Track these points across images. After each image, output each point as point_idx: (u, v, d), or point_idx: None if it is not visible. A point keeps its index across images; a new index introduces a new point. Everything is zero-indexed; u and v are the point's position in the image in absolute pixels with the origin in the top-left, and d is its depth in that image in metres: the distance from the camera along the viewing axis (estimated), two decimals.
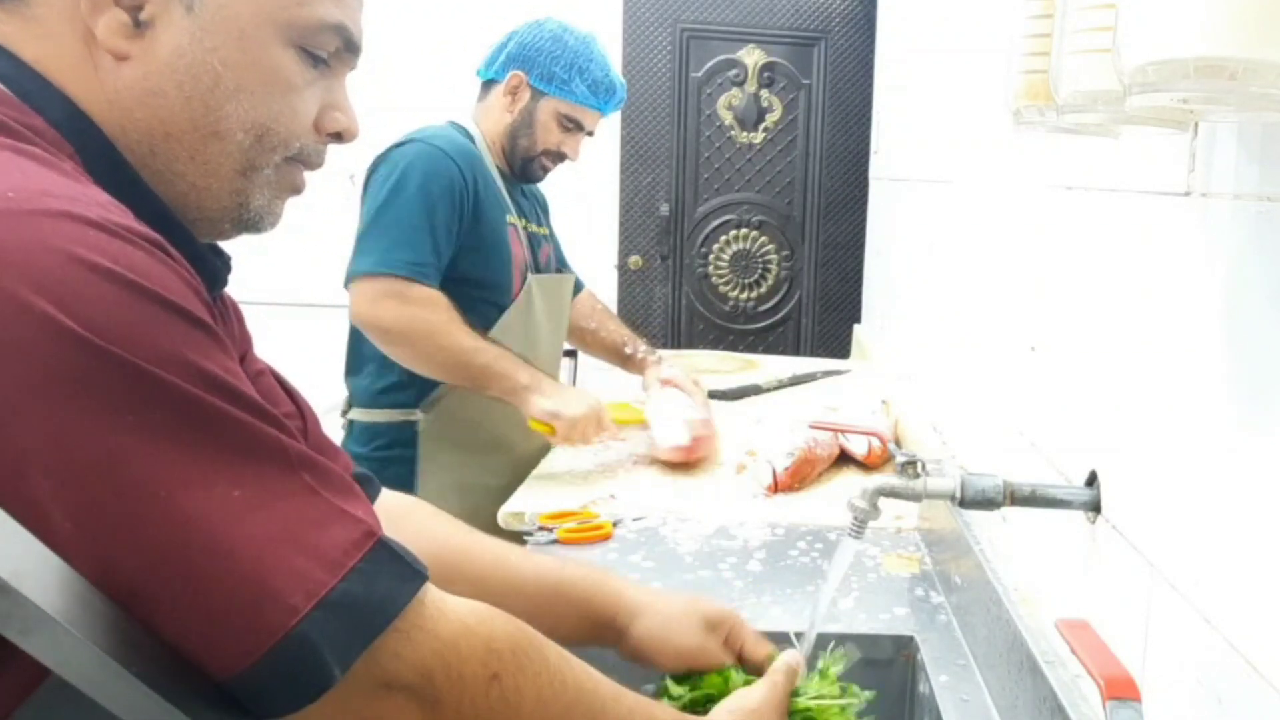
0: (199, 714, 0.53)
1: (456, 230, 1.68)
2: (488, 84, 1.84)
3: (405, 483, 1.68)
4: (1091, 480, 0.93)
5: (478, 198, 1.71)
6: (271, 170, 0.68)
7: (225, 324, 0.79)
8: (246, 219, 0.68)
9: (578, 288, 2.09)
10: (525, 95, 1.78)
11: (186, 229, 0.65)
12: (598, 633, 0.97)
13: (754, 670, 0.96)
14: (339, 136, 0.71)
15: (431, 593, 0.60)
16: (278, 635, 0.52)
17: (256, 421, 0.55)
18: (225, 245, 0.73)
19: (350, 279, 1.62)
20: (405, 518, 0.93)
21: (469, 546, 0.95)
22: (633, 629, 0.95)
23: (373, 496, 0.90)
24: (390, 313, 1.59)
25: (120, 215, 0.54)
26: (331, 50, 0.68)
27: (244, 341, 0.82)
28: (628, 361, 2.06)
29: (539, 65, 1.76)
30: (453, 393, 1.73)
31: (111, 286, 0.51)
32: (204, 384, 0.53)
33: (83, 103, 0.61)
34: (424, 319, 1.59)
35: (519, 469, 1.76)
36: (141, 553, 0.50)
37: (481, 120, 1.83)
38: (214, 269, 0.69)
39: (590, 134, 1.86)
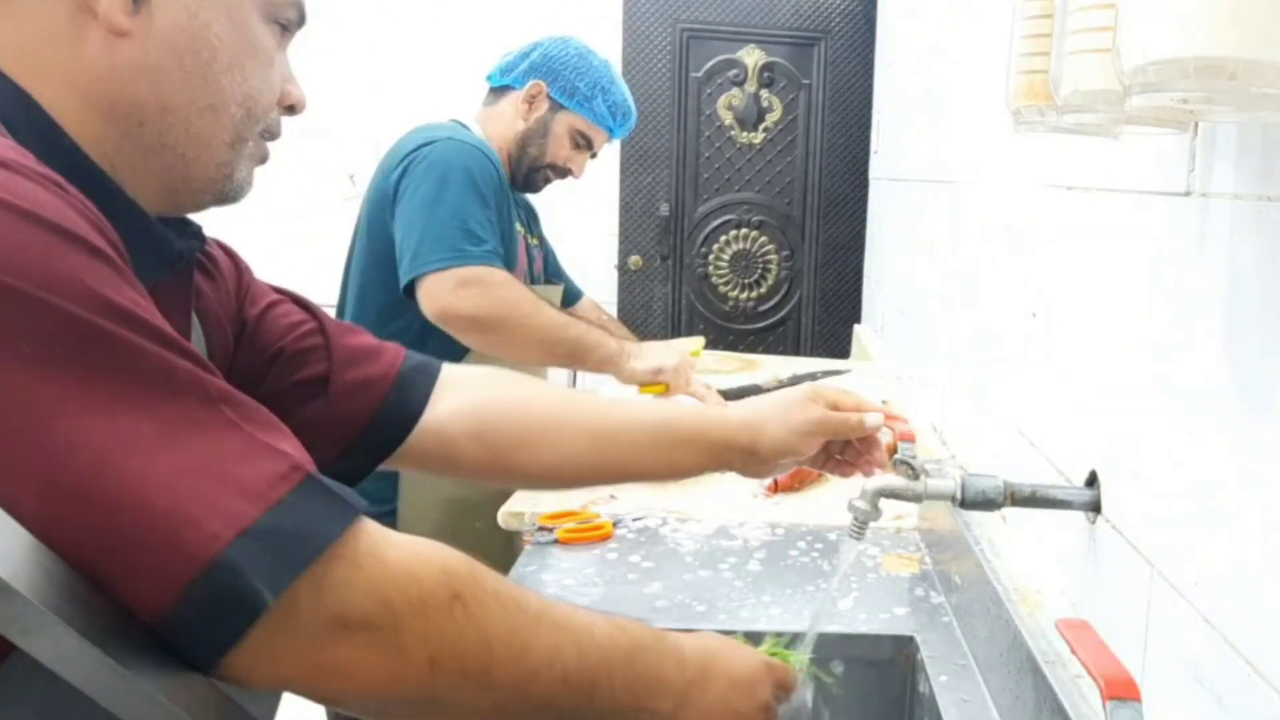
0: (200, 715, 0.53)
1: (500, 221, 1.67)
2: (499, 90, 1.82)
3: (388, 495, 1.66)
4: (1091, 480, 0.93)
5: (500, 197, 1.71)
6: (253, 142, 0.69)
7: (211, 278, 0.80)
8: (228, 191, 0.69)
9: (577, 295, 2.09)
10: (543, 106, 1.78)
11: (136, 205, 0.64)
12: (719, 456, 1.02)
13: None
14: (292, 109, 0.73)
15: (371, 525, 0.57)
16: (199, 565, 0.49)
17: (168, 354, 0.52)
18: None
19: (419, 277, 1.57)
20: (492, 378, 0.99)
21: (567, 397, 1.02)
22: (761, 440, 1.00)
23: (428, 387, 0.93)
24: (474, 300, 1.55)
25: (16, 154, 0.53)
26: (290, 21, 0.70)
27: (242, 288, 0.84)
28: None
29: (562, 78, 1.77)
30: None
31: (1, 214, 0.49)
32: (107, 313, 0.51)
33: (27, 82, 0.60)
34: (512, 300, 1.56)
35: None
36: (45, 490, 0.48)
37: (488, 125, 1.81)
38: (169, 246, 0.68)
39: (595, 155, 1.88)
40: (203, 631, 0.51)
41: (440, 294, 1.56)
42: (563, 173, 1.84)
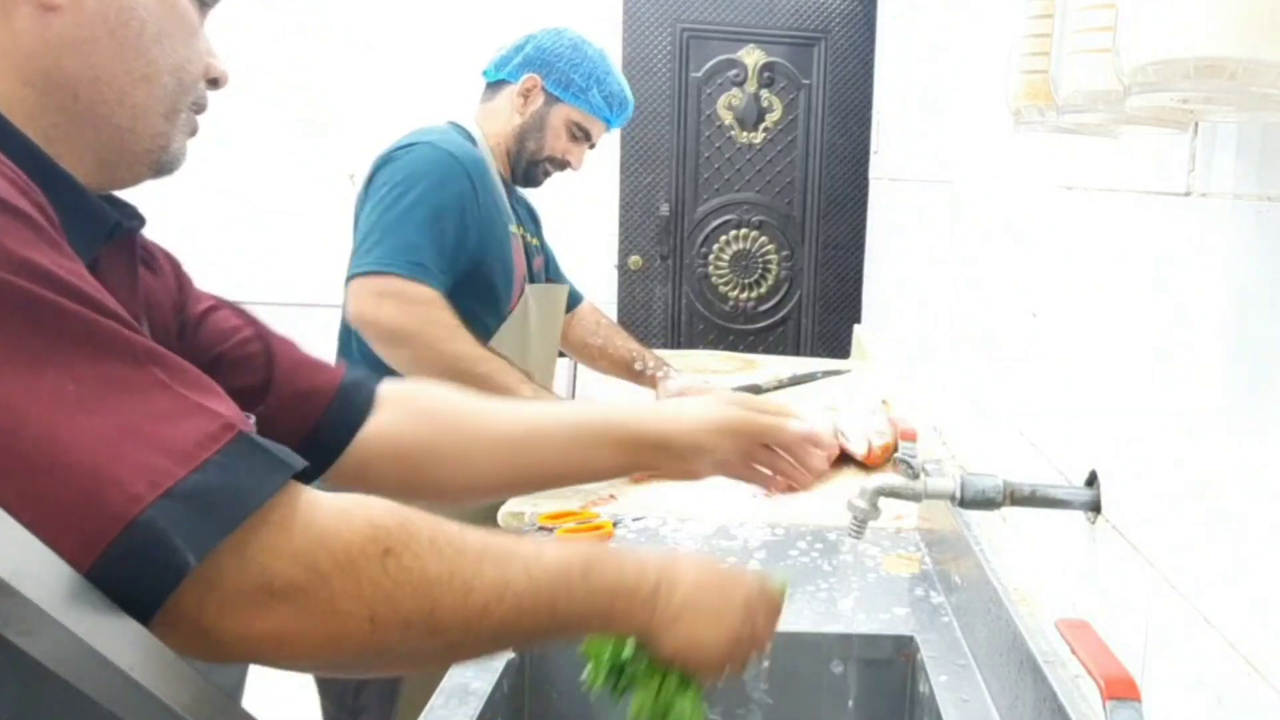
0: (200, 714, 0.53)
1: (465, 241, 1.64)
2: (495, 85, 1.81)
3: None
4: (1091, 480, 0.93)
5: (482, 208, 1.68)
6: (185, 113, 0.71)
7: (153, 271, 0.81)
8: (165, 162, 0.70)
9: (577, 299, 2.07)
10: (539, 99, 1.77)
11: (70, 177, 0.65)
12: (633, 454, 1.00)
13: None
14: (215, 82, 0.74)
15: (299, 488, 0.56)
16: (120, 524, 0.49)
17: (92, 314, 0.52)
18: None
19: (350, 277, 1.57)
20: (417, 395, 0.96)
21: (485, 408, 0.98)
22: (672, 436, 0.99)
23: (369, 401, 0.92)
24: (390, 312, 1.53)
25: None
26: None
27: (183, 289, 0.85)
28: (639, 377, 2.03)
29: (557, 71, 1.76)
30: None
31: None
32: (27, 274, 0.50)
33: None
34: (426, 320, 1.53)
35: None
36: None
37: (485, 122, 1.80)
38: (105, 217, 0.68)
39: (593, 146, 1.86)
40: (128, 591, 0.50)
41: (360, 298, 1.55)
42: (561, 165, 1.83)
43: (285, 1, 3.56)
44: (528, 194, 1.94)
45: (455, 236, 1.62)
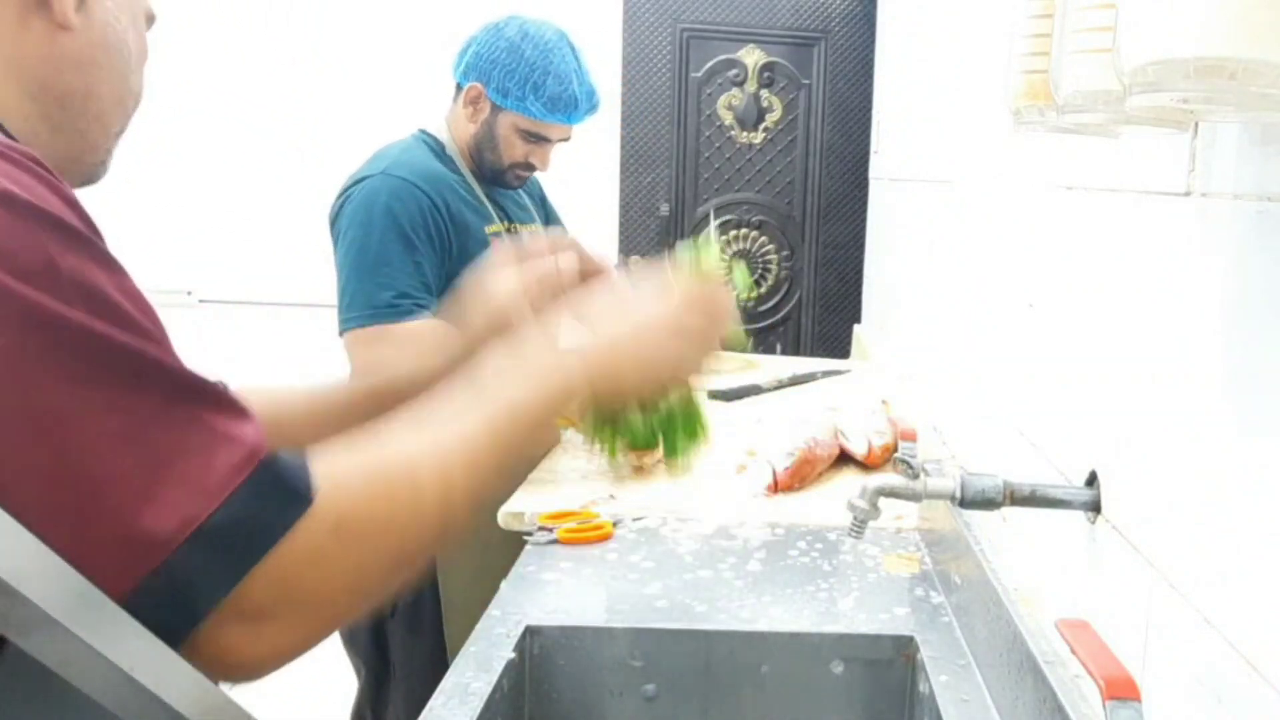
0: (200, 714, 0.53)
1: (443, 254, 1.64)
2: (458, 87, 1.77)
3: None
4: (1091, 480, 0.93)
5: (454, 217, 1.67)
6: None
7: None
8: (99, 174, 0.74)
9: None
10: (486, 108, 1.72)
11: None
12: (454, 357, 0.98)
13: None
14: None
15: (309, 514, 0.58)
16: (151, 565, 0.52)
17: (137, 343, 0.54)
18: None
19: (342, 333, 1.59)
20: (259, 394, 0.97)
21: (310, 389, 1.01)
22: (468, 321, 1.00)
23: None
24: (388, 357, 1.52)
25: None
26: (150, 24, 0.75)
27: None
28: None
29: (494, 79, 1.69)
30: None
31: None
32: (82, 303, 0.52)
33: None
34: (415, 357, 1.56)
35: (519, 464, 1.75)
36: (16, 479, 0.49)
37: (454, 124, 1.77)
38: None
39: (566, 140, 1.79)
40: (152, 623, 0.52)
41: (356, 352, 1.59)
42: (529, 168, 1.78)
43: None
44: (560, 186, 1.92)
45: (431, 253, 1.62)
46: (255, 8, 3.54)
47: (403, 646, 1.73)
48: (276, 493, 0.57)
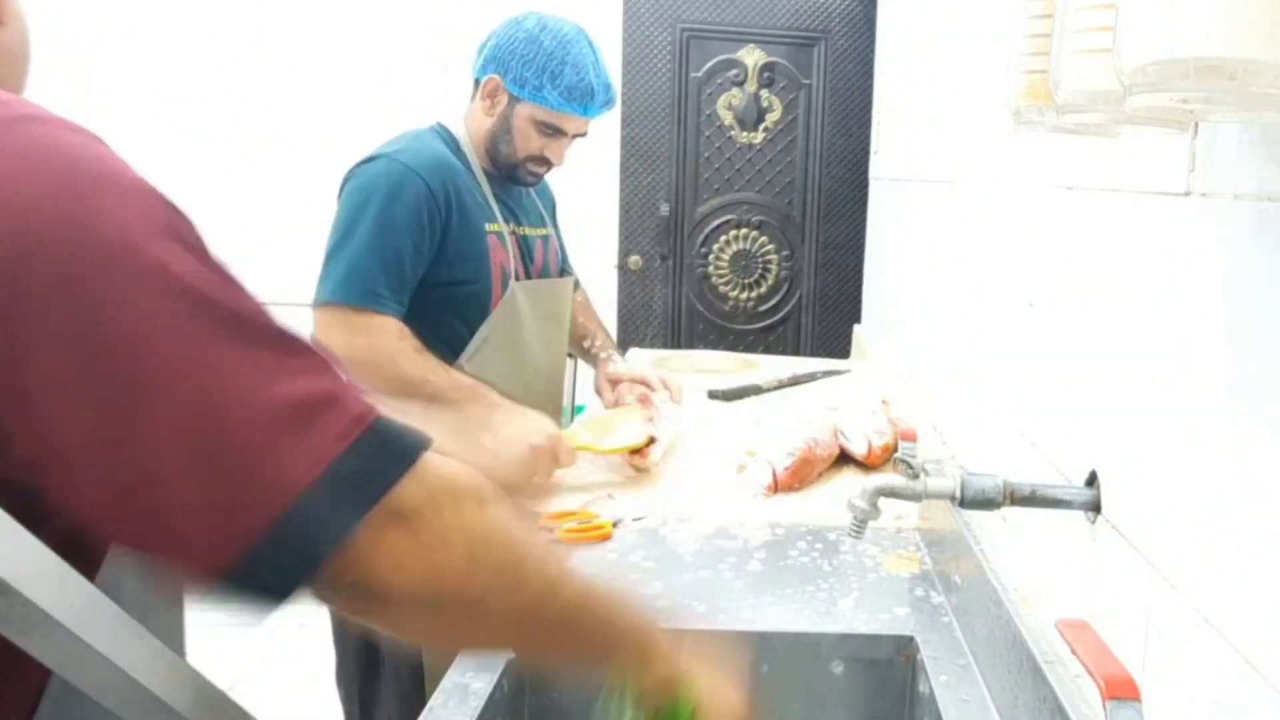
0: (199, 714, 0.53)
1: (427, 247, 1.65)
2: (477, 82, 1.78)
3: None
4: (1091, 480, 0.93)
5: (453, 210, 1.67)
6: None
7: None
8: None
9: (575, 284, 2.05)
10: (503, 100, 1.72)
11: None
12: None
13: None
14: None
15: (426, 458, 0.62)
16: (280, 509, 0.53)
17: (249, 303, 0.57)
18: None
19: (313, 305, 1.62)
20: None
21: None
22: None
23: None
24: (337, 342, 1.57)
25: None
26: None
27: None
28: (585, 355, 2.05)
29: (512, 69, 1.70)
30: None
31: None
32: (212, 270, 0.56)
33: None
34: (368, 348, 1.58)
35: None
36: (154, 435, 0.51)
37: (471, 120, 1.78)
38: None
39: (583, 135, 1.80)
40: (277, 570, 0.54)
41: (319, 328, 1.61)
42: (544, 163, 1.78)
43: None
44: (563, 189, 1.93)
45: (415, 246, 1.63)
46: (256, 10, 3.54)
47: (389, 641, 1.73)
48: (392, 442, 0.59)
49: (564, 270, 1.99)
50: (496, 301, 1.74)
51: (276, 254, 3.53)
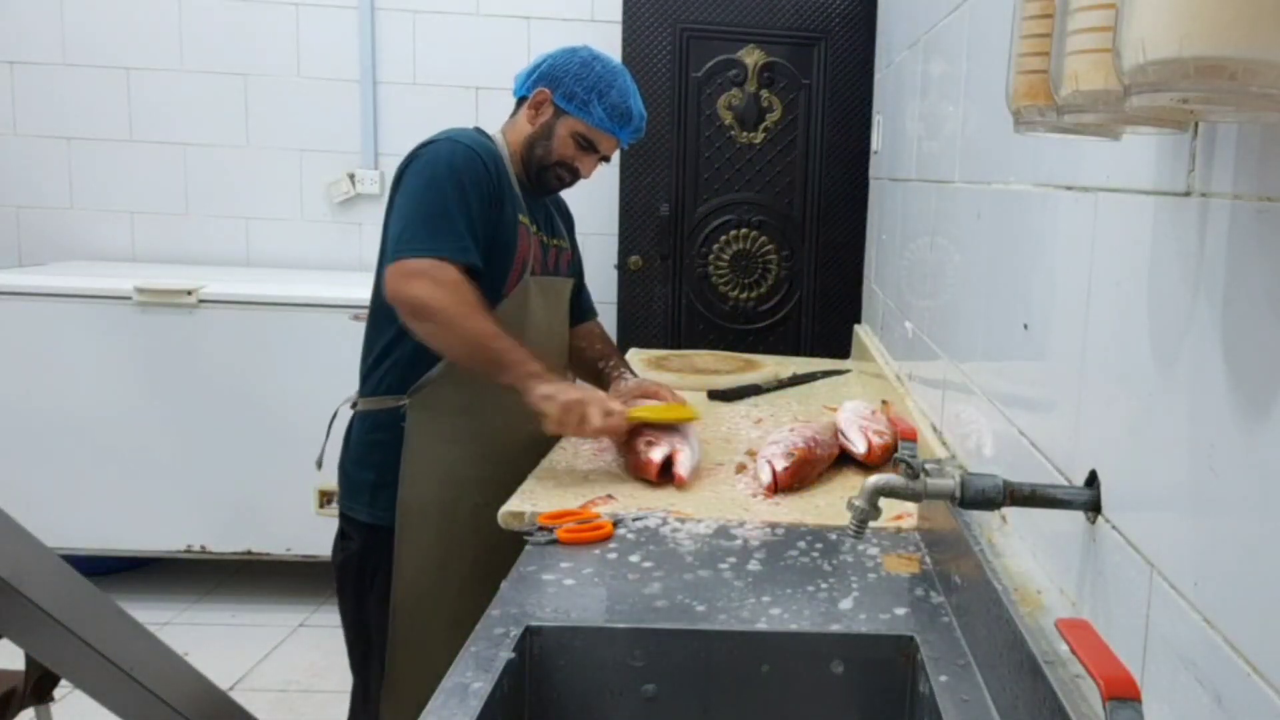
0: (199, 713, 0.53)
1: (484, 218, 1.78)
2: (519, 101, 1.96)
3: (393, 468, 1.79)
4: (1091, 480, 0.93)
5: (500, 191, 1.82)
6: None
7: None
8: None
9: (591, 314, 2.19)
10: (549, 111, 1.91)
11: None
12: None
13: None
14: None
15: None
16: None
17: None
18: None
19: (389, 261, 1.71)
20: None
21: None
22: None
23: None
24: (421, 289, 1.67)
25: None
26: None
27: None
28: (598, 376, 2.14)
29: (564, 85, 1.90)
30: (434, 385, 1.79)
31: None
32: None
33: None
34: (452, 298, 1.67)
35: (499, 463, 1.81)
36: None
37: (508, 133, 1.95)
38: None
39: (606, 159, 1.99)
40: None
41: (395, 278, 1.70)
42: (571, 171, 1.94)
43: None
44: (565, 196, 2.09)
45: (481, 213, 1.77)
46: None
47: (379, 629, 1.80)
48: None
49: (578, 284, 2.12)
50: (510, 286, 1.85)
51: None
